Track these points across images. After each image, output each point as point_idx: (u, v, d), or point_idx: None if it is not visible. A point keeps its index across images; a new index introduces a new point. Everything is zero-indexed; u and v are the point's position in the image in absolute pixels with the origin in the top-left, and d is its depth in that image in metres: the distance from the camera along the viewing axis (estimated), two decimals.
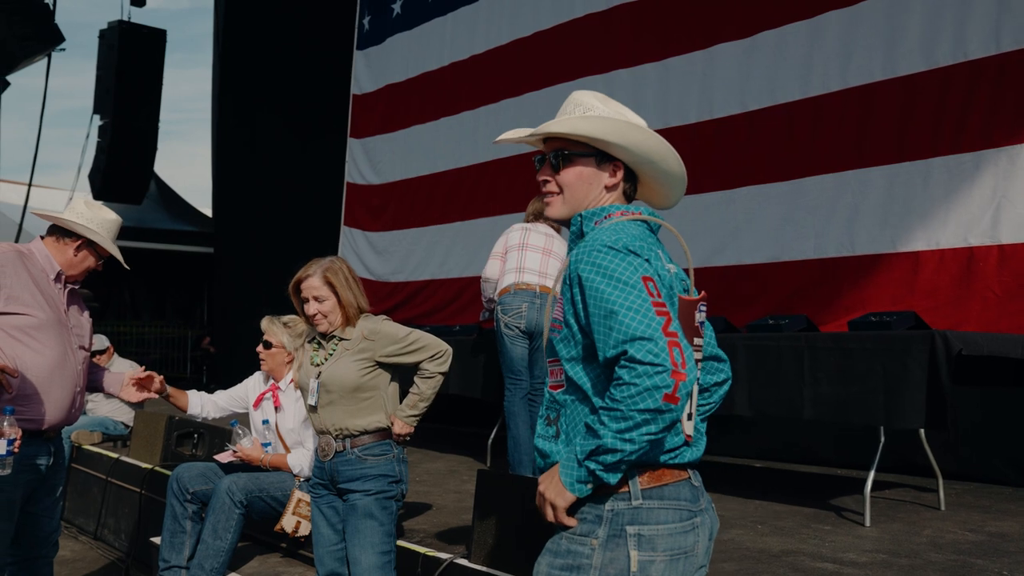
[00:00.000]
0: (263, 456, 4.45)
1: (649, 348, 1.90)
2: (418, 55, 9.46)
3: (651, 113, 6.99)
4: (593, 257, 2.02)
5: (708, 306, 2.13)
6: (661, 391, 1.89)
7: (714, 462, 6.70)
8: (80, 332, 3.58)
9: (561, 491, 2.00)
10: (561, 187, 2.21)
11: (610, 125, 2.14)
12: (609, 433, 1.92)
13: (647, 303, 1.95)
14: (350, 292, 3.49)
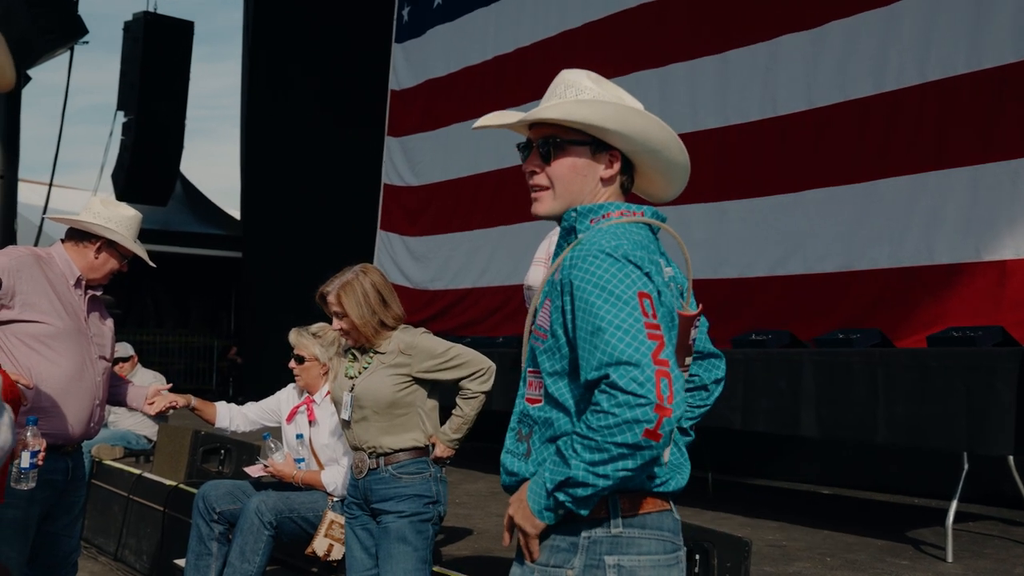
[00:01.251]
0: (295, 472, 4.46)
1: (634, 375, 1.82)
2: (460, 48, 9.49)
3: (710, 110, 6.95)
4: (588, 263, 1.94)
5: (772, 318, 2.09)
6: (642, 425, 1.81)
7: (776, 487, 6.62)
8: (101, 341, 3.60)
9: (529, 516, 1.96)
10: (551, 180, 2.10)
11: (610, 110, 2.05)
12: (581, 464, 1.86)
13: (639, 323, 1.87)
14: (365, 309, 3.48)
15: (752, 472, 6.99)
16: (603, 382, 1.85)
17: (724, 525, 4.70)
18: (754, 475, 6.95)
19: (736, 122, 6.79)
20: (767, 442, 6.73)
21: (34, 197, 14.66)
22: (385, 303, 3.52)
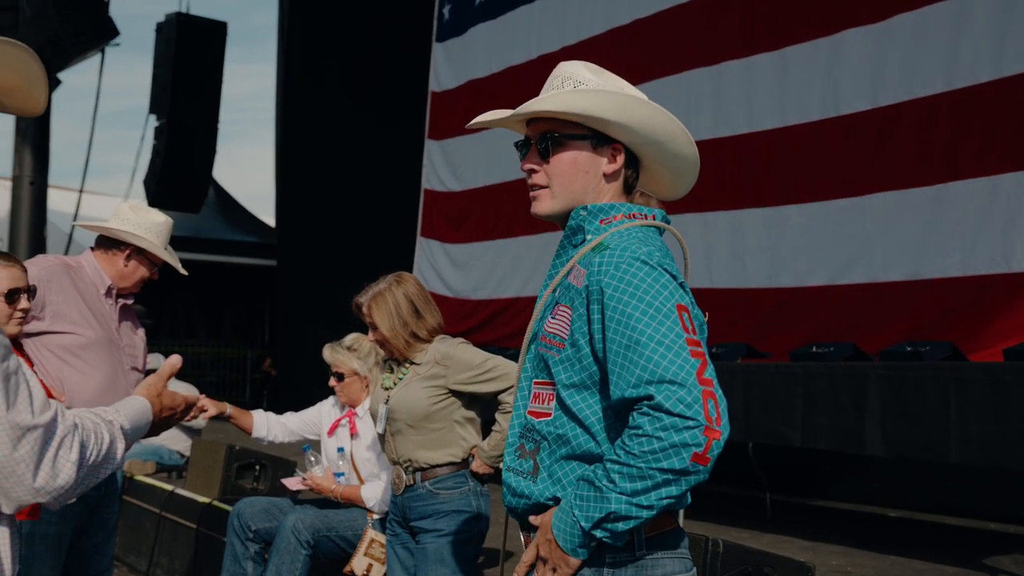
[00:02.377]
0: (334, 487, 4.49)
1: (680, 395, 1.79)
2: (503, 47, 9.51)
3: (767, 110, 6.90)
4: (623, 271, 1.90)
5: (833, 329, 2.06)
6: (690, 449, 1.77)
7: (839, 509, 6.54)
8: (133, 352, 3.64)
9: (563, 556, 1.92)
10: (550, 178, 2.06)
11: (610, 100, 2.01)
12: (623, 498, 1.82)
13: (681, 339, 1.84)
14: (395, 321, 3.50)
15: (813, 493, 6.90)
16: (644, 403, 1.81)
17: (784, 549, 4.64)
18: (815, 496, 6.86)
19: (795, 122, 6.73)
20: (829, 461, 6.65)
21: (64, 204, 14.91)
22: (418, 314, 3.52)
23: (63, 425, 1.50)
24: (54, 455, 1.47)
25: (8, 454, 1.43)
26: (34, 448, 1.45)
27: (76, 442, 1.52)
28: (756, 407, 5.40)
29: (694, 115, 7.42)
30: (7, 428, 1.42)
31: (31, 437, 1.44)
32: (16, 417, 1.43)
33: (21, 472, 1.44)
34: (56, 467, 1.47)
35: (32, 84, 1.65)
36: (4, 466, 1.43)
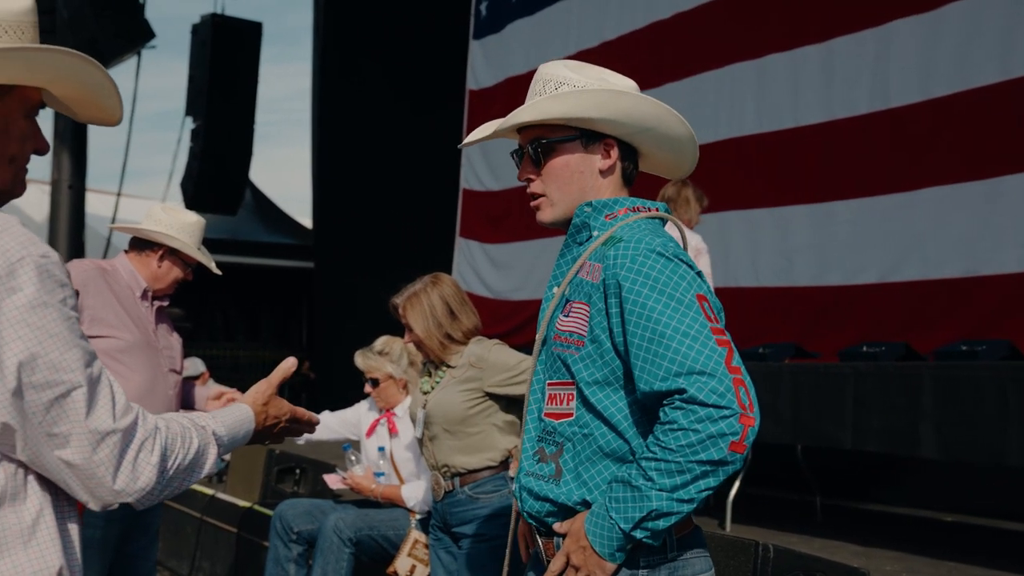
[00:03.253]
0: (374, 487, 4.51)
1: (712, 386, 1.80)
2: (541, 43, 9.50)
3: (813, 104, 6.83)
4: (639, 263, 1.91)
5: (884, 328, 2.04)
6: (727, 439, 1.79)
7: (892, 513, 6.45)
8: (170, 354, 3.67)
9: (599, 563, 1.91)
10: (547, 185, 2.08)
11: (589, 98, 2.01)
12: (663, 494, 1.82)
13: (705, 328, 1.85)
14: (430, 322, 3.51)
15: (865, 496, 6.82)
16: (677, 397, 1.82)
17: (836, 554, 4.59)
18: (867, 499, 6.78)
19: (843, 116, 6.67)
20: (881, 464, 6.57)
21: (102, 207, 15.10)
22: (453, 316, 3.52)
23: (143, 429, 1.53)
24: (134, 458, 1.51)
25: (88, 457, 1.46)
26: (113, 452, 1.48)
27: (157, 446, 1.55)
28: (805, 408, 5.34)
29: (738, 110, 7.38)
30: (87, 433, 1.46)
31: (110, 441, 1.48)
32: (95, 423, 1.46)
33: (101, 475, 1.48)
34: (136, 470, 1.51)
35: (100, 95, 1.68)
36: (85, 469, 1.47)
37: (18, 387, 1.42)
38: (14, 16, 1.56)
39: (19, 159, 1.64)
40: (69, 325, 1.47)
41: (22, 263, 1.43)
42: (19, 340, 1.42)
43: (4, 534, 1.46)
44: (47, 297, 1.44)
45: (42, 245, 1.47)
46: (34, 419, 1.44)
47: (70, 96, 1.68)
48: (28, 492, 1.50)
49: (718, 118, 7.51)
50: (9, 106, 1.60)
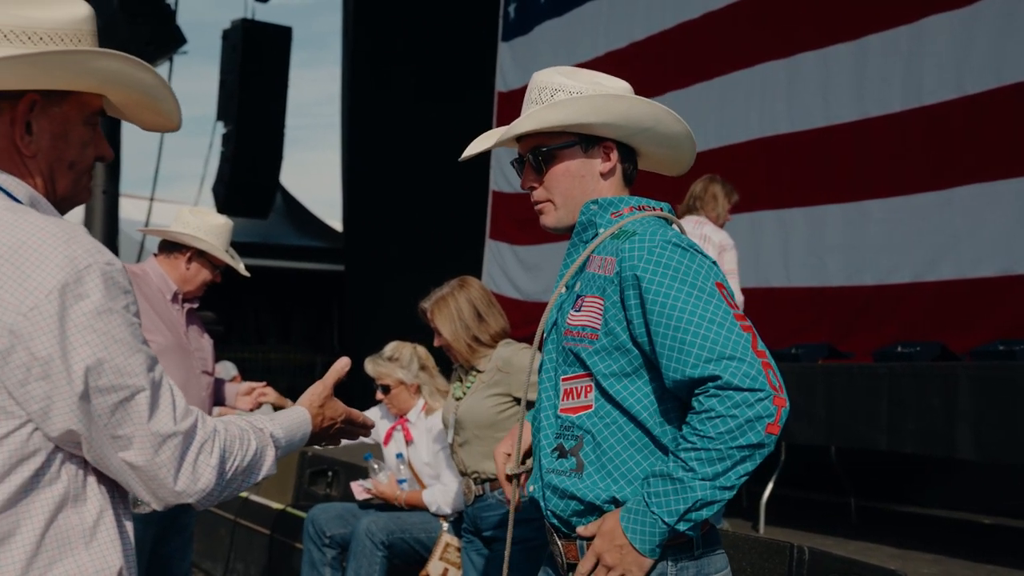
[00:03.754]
0: (398, 494, 4.54)
1: (744, 370, 1.82)
2: (570, 45, 9.49)
3: (845, 102, 6.78)
4: (656, 255, 1.92)
5: (920, 328, 2.03)
6: (763, 422, 1.81)
7: (928, 515, 6.38)
8: (202, 355, 3.69)
9: (638, 559, 1.91)
10: (550, 192, 2.12)
11: (585, 104, 2.04)
12: (705, 483, 1.83)
13: (729, 315, 1.88)
14: (458, 325, 3.52)
15: (900, 498, 6.75)
16: (710, 385, 1.84)
17: (872, 556, 4.54)
18: (903, 501, 6.71)
19: (875, 114, 6.61)
20: (917, 465, 6.50)
21: (135, 212, 15.23)
22: (481, 319, 3.53)
23: (203, 431, 1.57)
24: (194, 460, 1.54)
25: (151, 459, 1.50)
26: (174, 454, 1.52)
27: (216, 447, 1.58)
28: (839, 409, 5.29)
29: (768, 109, 7.33)
30: (149, 436, 1.49)
31: (172, 443, 1.51)
32: (157, 426, 1.50)
33: (163, 476, 1.51)
34: (196, 471, 1.54)
35: (155, 98, 1.70)
36: (148, 470, 1.50)
37: (85, 391, 1.45)
38: (73, 24, 1.58)
39: (79, 165, 1.66)
40: (132, 331, 1.50)
41: (89, 270, 1.45)
42: (86, 346, 1.44)
43: (67, 534, 1.49)
44: (112, 304, 1.47)
45: (107, 253, 1.50)
46: (99, 422, 1.47)
47: (127, 101, 1.70)
48: (89, 494, 1.53)
49: (749, 118, 7.47)
50: (67, 112, 1.62)
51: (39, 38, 1.54)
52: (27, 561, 1.45)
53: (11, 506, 1.45)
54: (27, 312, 1.42)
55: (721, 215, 5.65)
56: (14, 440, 1.45)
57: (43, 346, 1.42)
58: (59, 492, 1.49)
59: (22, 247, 1.44)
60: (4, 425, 1.44)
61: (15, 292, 1.42)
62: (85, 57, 1.57)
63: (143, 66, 1.63)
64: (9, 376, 1.43)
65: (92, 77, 1.61)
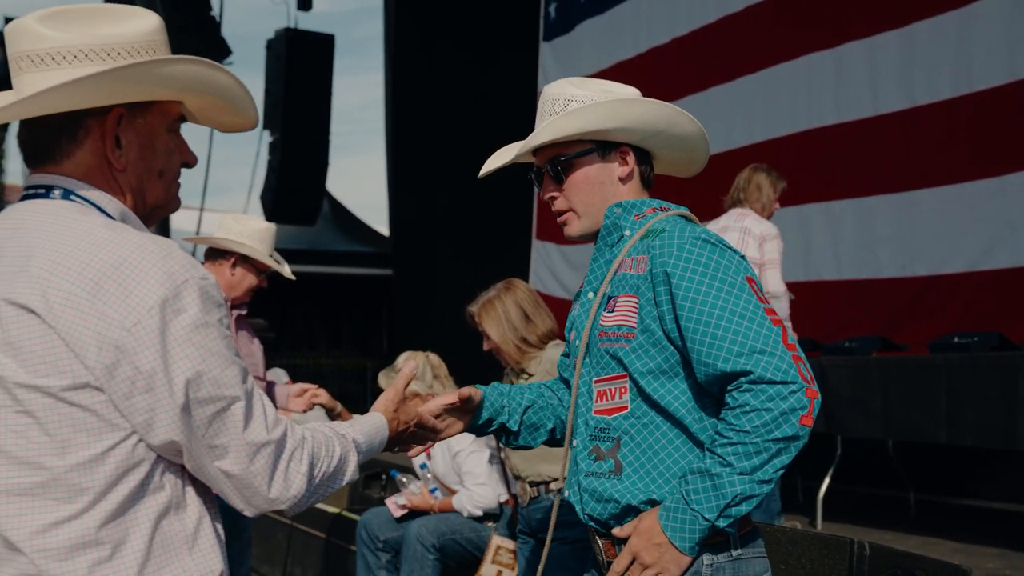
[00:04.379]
0: (432, 503, 4.63)
1: (776, 364, 1.83)
2: (611, 42, 9.46)
3: (892, 92, 6.68)
4: (686, 252, 1.94)
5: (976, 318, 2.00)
6: (797, 414, 1.83)
7: (990, 508, 6.28)
8: (252, 361, 3.73)
9: (677, 557, 1.91)
10: (571, 201, 2.13)
11: (600, 111, 2.07)
12: (744, 477, 1.84)
13: (760, 309, 1.89)
14: (505, 327, 3.53)
15: (960, 491, 6.64)
16: (743, 379, 1.85)
17: (934, 551, 4.47)
18: (963, 495, 6.60)
19: (924, 102, 6.50)
20: (977, 458, 6.39)
21: (186, 223, 15.43)
22: (528, 320, 3.53)
23: (292, 439, 1.60)
24: (285, 467, 1.58)
25: (246, 467, 1.53)
26: (268, 462, 1.55)
27: (306, 454, 1.62)
28: (895, 403, 5.22)
29: (815, 101, 7.25)
30: (244, 445, 1.53)
31: (265, 452, 1.55)
32: (251, 435, 1.53)
33: (258, 484, 1.54)
34: (288, 479, 1.58)
35: (233, 100, 1.74)
36: (243, 478, 1.54)
37: (185, 403, 1.48)
38: (146, 36, 1.61)
39: (167, 173, 1.70)
40: (227, 343, 1.53)
41: (186, 285, 1.49)
42: (185, 359, 1.47)
43: (171, 540, 1.53)
44: (208, 317, 1.50)
45: (201, 267, 1.53)
46: (198, 432, 1.51)
47: (204, 105, 1.74)
48: (188, 501, 1.57)
49: (795, 110, 7.39)
50: (151, 121, 1.65)
51: (117, 53, 1.57)
52: (139, 567, 1.49)
53: (120, 515, 1.49)
54: (131, 328, 1.44)
55: (767, 205, 5.54)
56: (121, 451, 1.49)
57: (146, 360, 1.45)
58: (163, 500, 1.53)
59: (122, 264, 1.47)
60: (111, 437, 1.48)
61: (118, 308, 1.45)
62: (166, 65, 1.61)
63: (219, 68, 1.66)
64: (116, 390, 1.46)
65: (174, 84, 1.64)
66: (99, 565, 1.46)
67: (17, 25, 1.58)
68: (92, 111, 1.58)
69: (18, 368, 1.45)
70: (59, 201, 1.57)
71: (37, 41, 1.56)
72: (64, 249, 1.48)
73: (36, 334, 1.44)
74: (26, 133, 1.62)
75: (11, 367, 1.45)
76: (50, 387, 1.44)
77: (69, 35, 1.56)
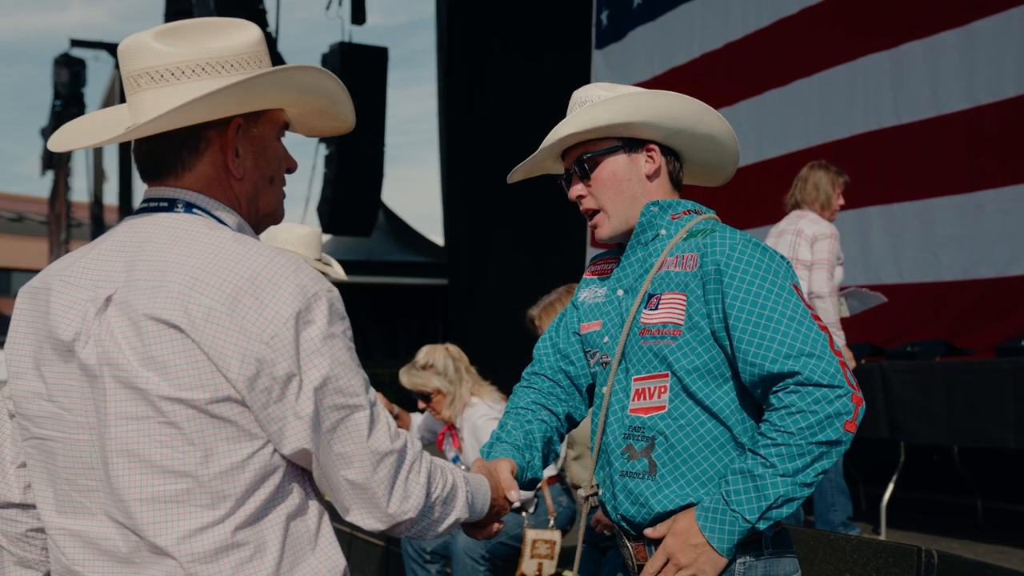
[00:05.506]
0: None
1: (823, 367, 1.82)
2: (664, 48, 9.42)
3: (954, 91, 6.57)
4: (739, 252, 1.93)
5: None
6: (842, 418, 1.82)
7: None
8: None
9: (714, 559, 1.89)
10: (599, 199, 2.10)
11: (628, 102, 2.04)
12: (786, 479, 1.83)
13: (808, 314, 1.89)
14: None
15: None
16: (790, 381, 1.83)
17: (1004, 560, 4.36)
18: None
19: (987, 101, 6.38)
20: None
21: None
22: None
23: (412, 451, 1.64)
24: (405, 478, 1.61)
25: (369, 476, 1.57)
26: (390, 471, 1.59)
27: (424, 468, 1.65)
28: (960, 408, 5.10)
29: (873, 103, 7.15)
30: (368, 453, 1.56)
31: (388, 461, 1.58)
32: (375, 444, 1.57)
33: (380, 494, 1.58)
34: (407, 489, 1.61)
35: (336, 103, 1.78)
36: (367, 487, 1.58)
37: (315, 411, 1.52)
38: (252, 47, 1.66)
39: (277, 180, 1.75)
40: (352, 354, 1.57)
41: (316, 298, 1.53)
42: (315, 368, 1.51)
43: (299, 541, 1.57)
44: (335, 328, 1.54)
45: (326, 281, 1.57)
46: (325, 440, 1.55)
47: (310, 111, 1.78)
48: (310, 504, 1.61)
49: (853, 112, 7.29)
50: (263, 130, 1.70)
51: (231, 65, 1.62)
52: (276, 567, 1.53)
53: (258, 518, 1.53)
54: (269, 340, 1.48)
55: (826, 203, 5.36)
56: (259, 459, 1.53)
57: (282, 370, 1.49)
58: (291, 503, 1.57)
59: (257, 278, 1.50)
60: (250, 446, 1.52)
61: (256, 321, 1.48)
62: (288, 74, 1.66)
63: (328, 74, 1.71)
64: (255, 400, 1.50)
65: (292, 92, 1.69)
66: (242, 566, 1.51)
67: (133, 43, 1.62)
68: (212, 123, 1.62)
69: (161, 382, 1.48)
70: (183, 215, 1.61)
71: (156, 58, 1.60)
72: (200, 264, 1.51)
73: (179, 348, 1.48)
74: (148, 148, 1.65)
75: (154, 381, 1.48)
76: (194, 400, 1.48)
77: (184, 50, 1.60)
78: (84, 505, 1.56)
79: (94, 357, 1.52)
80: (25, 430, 1.64)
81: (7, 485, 1.72)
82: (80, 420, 1.55)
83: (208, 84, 1.58)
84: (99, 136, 1.69)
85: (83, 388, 1.54)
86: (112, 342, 1.50)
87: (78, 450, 1.55)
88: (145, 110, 1.60)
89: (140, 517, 1.50)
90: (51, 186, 27.85)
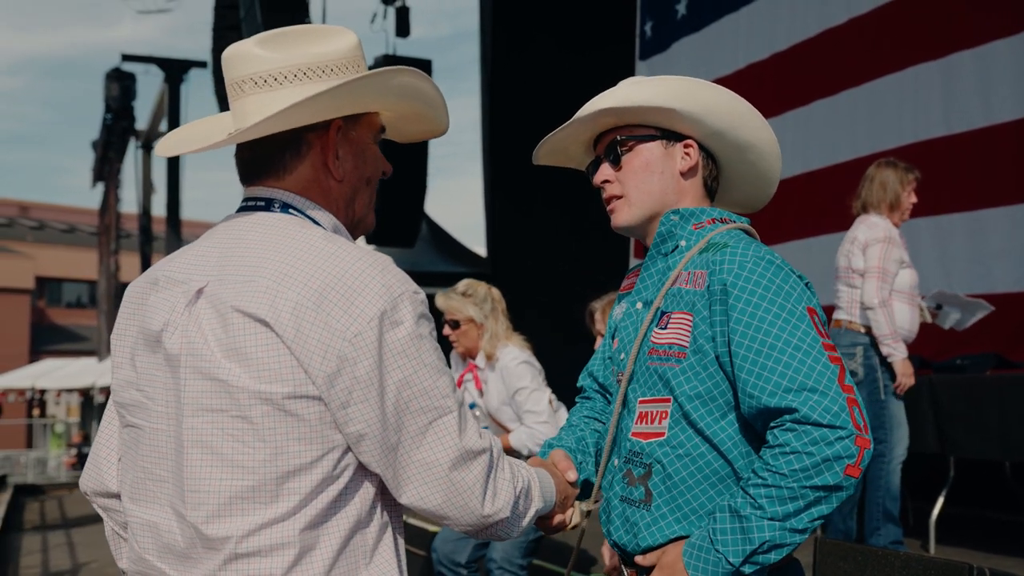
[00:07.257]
0: None
1: (825, 405, 1.68)
2: (708, 60, 9.37)
3: (1007, 101, 6.47)
4: (749, 270, 1.79)
5: None
6: (843, 462, 1.67)
7: None
8: None
9: None
10: (625, 186, 1.97)
11: (672, 85, 1.92)
12: (775, 524, 1.69)
13: (818, 343, 1.73)
14: None
15: None
16: (787, 417, 1.71)
17: None
18: None
19: None
20: None
21: None
22: None
23: (496, 449, 1.64)
24: (494, 476, 1.62)
25: (464, 475, 1.57)
26: (482, 470, 1.59)
27: (506, 464, 1.66)
28: (1013, 423, 5.01)
29: (922, 113, 7.06)
30: (463, 452, 1.56)
31: (481, 460, 1.59)
32: (467, 443, 1.57)
33: (475, 493, 1.58)
34: (496, 486, 1.62)
35: (432, 106, 1.81)
36: (461, 487, 1.57)
37: (398, 413, 1.52)
38: (351, 51, 1.69)
39: (373, 182, 1.78)
40: (438, 355, 1.57)
41: (402, 299, 1.53)
42: (398, 369, 1.51)
43: (354, 551, 1.56)
44: (421, 330, 1.55)
45: (413, 282, 1.58)
46: (407, 443, 1.54)
47: (406, 115, 1.81)
48: (375, 515, 1.59)
49: (902, 123, 7.20)
50: (361, 133, 1.73)
51: (331, 70, 1.65)
52: (326, 572, 1.52)
53: (318, 522, 1.52)
54: (352, 338, 1.48)
55: (896, 201, 5.20)
56: (327, 462, 1.52)
57: (364, 370, 1.49)
58: (353, 512, 1.55)
59: (344, 276, 1.51)
60: (320, 447, 1.52)
61: (341, 319, 1.49)
62: (388, 76, 1.68)
63: (426, 77, 1.73)
64: (334, 399, 1.49)
65: (392, 95, 1.72)
66: (294, 567, 1.50)
67: (236, 51, 1.65)
68: (313, 126, 1.65)
69: (242, 373, 1.49)
70: (279, 214, 1.63)
71: (258, 64, 1.63)
72: (290, 260, 1.52)
73: (263, 342, 1.48)
74: (250, 151, 1.68)
75: (236, 372, 1.49)
76: (272, 394, 1.48)
77: (286, 56, 1.63)
78: (155, 494, 1.58)
79: (178, 347, 1.54)
80: (122, 418, 1.67)
81: (112, 476, 1.75)
82: (161, 410, 1.57)
83: (310, 88, 1.61)
84: (203, 141, 1.73)
85: (166, 378, 1.56)
86: (198, 332, 1.52)
87: (157, 439, 1.58)
88: (250, 114, 1.63)
89: (201, 509, 1.51)
90: (101, 198, 28.31)
